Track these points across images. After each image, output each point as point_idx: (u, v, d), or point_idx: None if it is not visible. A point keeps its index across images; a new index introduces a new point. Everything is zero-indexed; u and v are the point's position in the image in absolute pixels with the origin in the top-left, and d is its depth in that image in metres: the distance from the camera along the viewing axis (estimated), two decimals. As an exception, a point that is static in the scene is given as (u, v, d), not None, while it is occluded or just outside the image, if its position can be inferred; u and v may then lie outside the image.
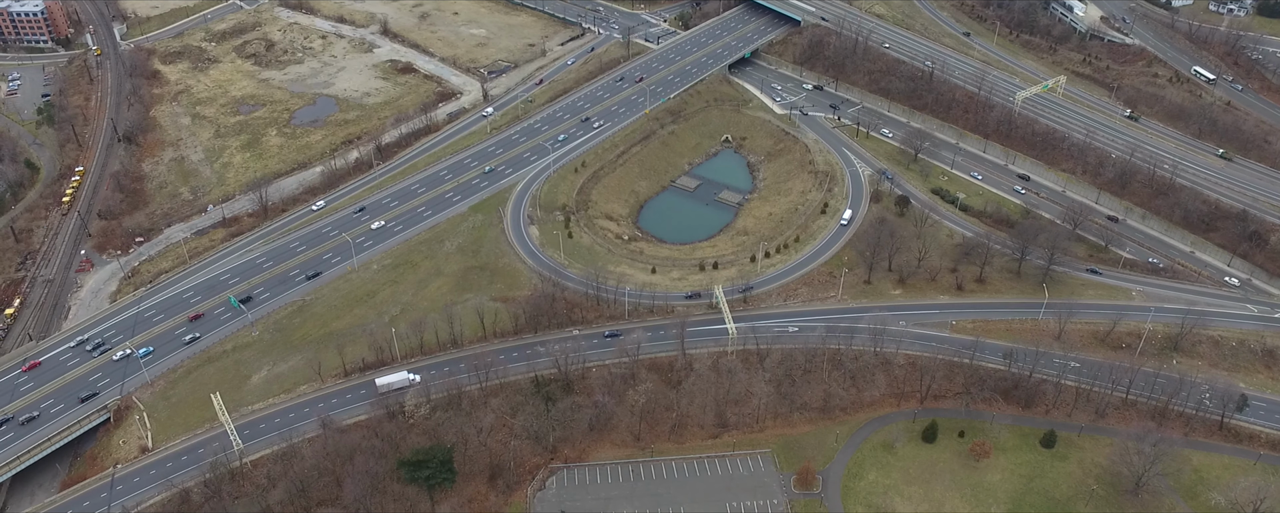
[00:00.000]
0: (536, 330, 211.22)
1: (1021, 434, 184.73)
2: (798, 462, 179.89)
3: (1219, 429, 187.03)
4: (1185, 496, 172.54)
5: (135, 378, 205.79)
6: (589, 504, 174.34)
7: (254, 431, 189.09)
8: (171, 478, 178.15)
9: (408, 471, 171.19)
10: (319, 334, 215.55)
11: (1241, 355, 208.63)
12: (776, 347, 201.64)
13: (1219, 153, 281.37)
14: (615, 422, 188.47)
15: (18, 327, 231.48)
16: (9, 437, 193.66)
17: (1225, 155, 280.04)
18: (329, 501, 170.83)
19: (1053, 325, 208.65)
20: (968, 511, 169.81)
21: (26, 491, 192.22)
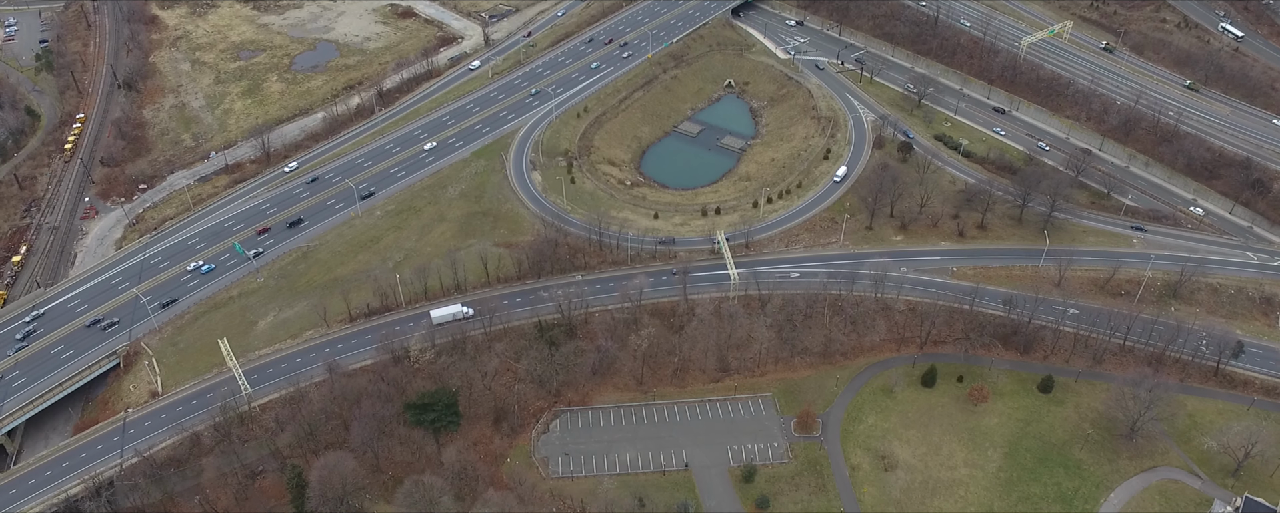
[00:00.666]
0: (539, 276, 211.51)
1: (1019, 380, 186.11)
2: (798, 405, 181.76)
3: (1214, 375, 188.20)
4: (1178, 440, 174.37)
5: (144, 324, 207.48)
6: (592, 447, 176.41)
7: (261, 375, 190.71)
8: (181, 422, 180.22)
9: (413, 414, 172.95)
10: (324, 280, 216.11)
11: (1239, 303, 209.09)
12: (778, 292, 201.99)
13: (1187, 84, 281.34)
14: (618, 366, 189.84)
15: (25, 274, 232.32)
16: (21, 381, 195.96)
17: (1192, 87, 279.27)
18: (337, 444, 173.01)
19: (1053, 272, 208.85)
20: (965, 454, 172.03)
21: (41, 434, 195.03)
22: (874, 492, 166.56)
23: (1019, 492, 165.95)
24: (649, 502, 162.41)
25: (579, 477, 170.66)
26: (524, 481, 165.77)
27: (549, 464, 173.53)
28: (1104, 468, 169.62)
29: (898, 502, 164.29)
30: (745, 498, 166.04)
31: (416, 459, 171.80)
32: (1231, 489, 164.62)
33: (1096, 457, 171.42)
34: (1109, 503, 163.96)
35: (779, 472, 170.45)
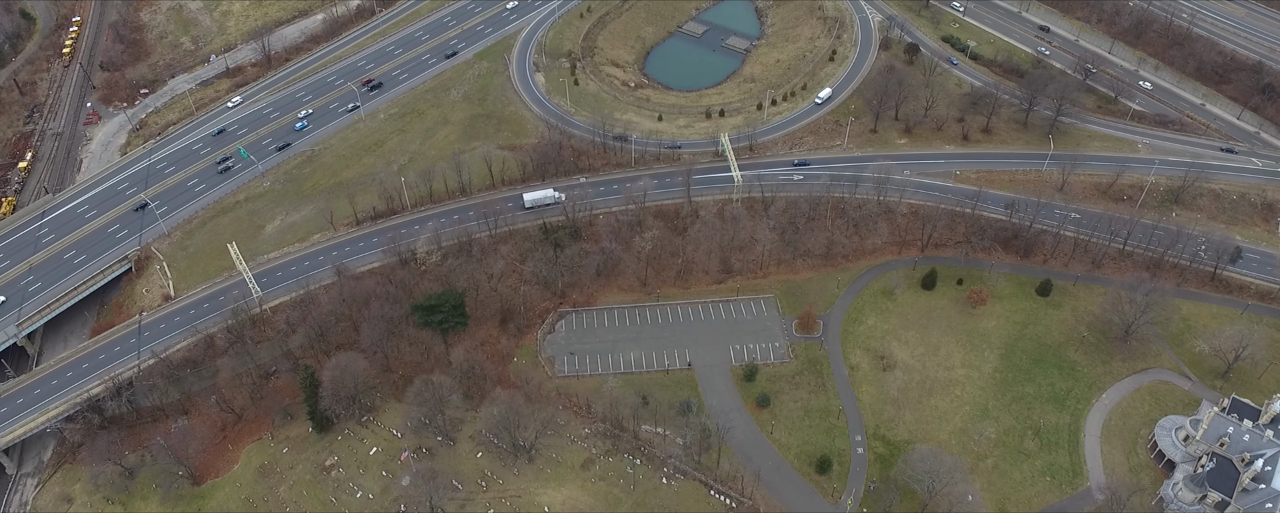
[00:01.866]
0: (544, 178, 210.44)
1: (1018, 283, 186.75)
2: (800, 306, 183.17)
3: (1211, 280, 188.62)
4: (1172, 343, 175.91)
5: (152, 229, 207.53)
6: (597, 347, 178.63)
7: (271, 278, 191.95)
8: (195, 324, 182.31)
9: (421, 315, 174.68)
10: (329, 184, 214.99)
11: (1241, 209, 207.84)
12: (781, 195, 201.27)
13: None
14: (622, 267, 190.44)
15: (32, 180, 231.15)
16: (37, 286, 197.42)
17: None
18: (347, 344, 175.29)
19: (1056, 176, 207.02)
20: (962, 355, 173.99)
21: (59, 337, 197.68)
22: (872, 391, 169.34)
23: (1013, 392, 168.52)
24: (653, 400, 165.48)
25: (584, 376, 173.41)
26: (530, 380, 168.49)
27: (555, 364, 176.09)
28: (1097, 369, 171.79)
29: (895, 401, 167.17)
30: (746, 396, 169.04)
31: (425, 359, 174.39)
32: (1220, 391, 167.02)
33: (1090, 359, 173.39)
34: (1100, 403, 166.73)
35: (780, 371, 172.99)
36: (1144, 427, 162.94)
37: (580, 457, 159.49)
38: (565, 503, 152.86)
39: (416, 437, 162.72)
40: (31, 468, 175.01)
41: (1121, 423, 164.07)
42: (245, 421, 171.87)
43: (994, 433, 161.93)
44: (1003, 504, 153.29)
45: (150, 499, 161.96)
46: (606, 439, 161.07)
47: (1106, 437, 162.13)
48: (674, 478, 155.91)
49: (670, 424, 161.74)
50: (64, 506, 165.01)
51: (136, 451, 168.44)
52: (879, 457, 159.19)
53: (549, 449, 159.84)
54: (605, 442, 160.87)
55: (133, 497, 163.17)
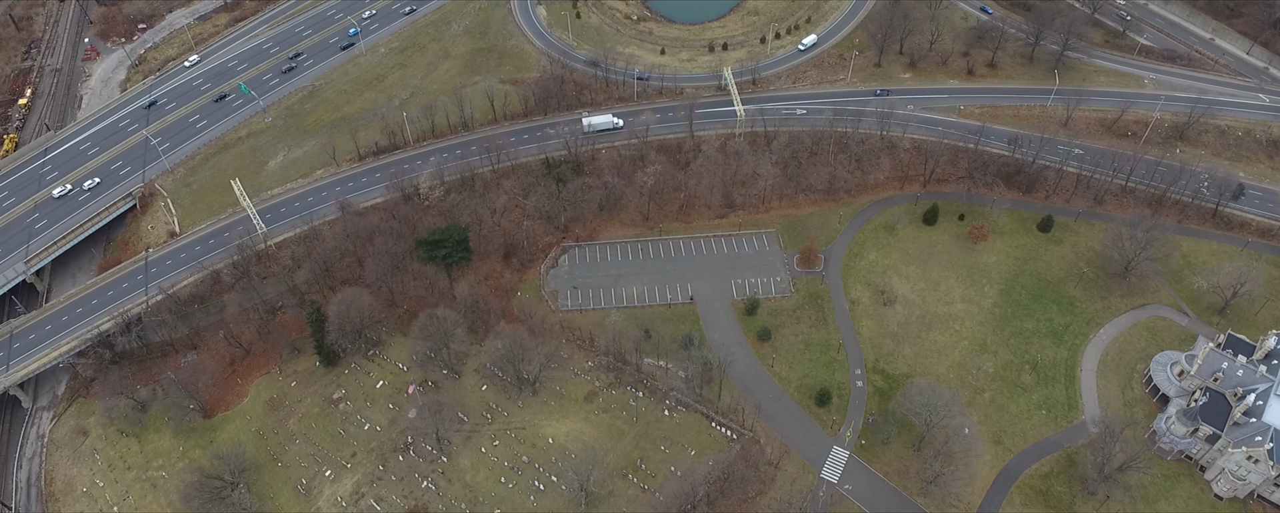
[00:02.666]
0: (546, 113, 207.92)
1: (1020, 219, 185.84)
2: (801, 241, 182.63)
3: (1212, 217, 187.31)
4: (1170, 279, 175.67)
5: (155, 165, 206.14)
6: (600, 281, 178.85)
7: (275, 214, 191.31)
8: (201, 260, 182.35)
9: (425, 250, 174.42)
10: (331, 119, 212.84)
11: (1245, 145, 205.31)
12: (784, 129, 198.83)
13: None
14: (624, 202, 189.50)
15: (33, 117, 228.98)
16: (43, 223, 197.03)
17: None
18: (352, 280, 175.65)
19: (1060, 112, 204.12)
20: (962, 290, 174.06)
21: (67, 274, 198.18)
22: (872, 325, 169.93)
23: (1012, 327, 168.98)
24: (655, 334, 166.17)
25: (587, 310, 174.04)
26: (534, 313, 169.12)
27: (558, 298, 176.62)
28: (1096, 305, 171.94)
29: (895, 335, 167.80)
30: (748, 330, 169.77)
31: (430, 294, 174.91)
32: (1216, 327, 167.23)
33: (1089, 294, 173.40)
34: (1098, 338, 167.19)
35: (781, 305, 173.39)
36: (1140, 362, 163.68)
37: (583, 389, 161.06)
38: (569, 435, 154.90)
39: (422, 370, 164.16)
40: (46, 402, 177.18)
41: (1118, 358, 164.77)
42: (253, 355, 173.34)
43: (992, 367, 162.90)
44: (999, 437, 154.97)
45: (163, 432, 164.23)
46: (609, 372, 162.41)
47: (1103, 372, 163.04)
48: (676, 410, 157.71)
49: (672, 358, 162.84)
50: (80, 438, 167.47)
51: (148, 385, 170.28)
52: (878, 390, 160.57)
53: (553, 382, 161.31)
54: (608, 375, 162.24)
55: (146, 429, 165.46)
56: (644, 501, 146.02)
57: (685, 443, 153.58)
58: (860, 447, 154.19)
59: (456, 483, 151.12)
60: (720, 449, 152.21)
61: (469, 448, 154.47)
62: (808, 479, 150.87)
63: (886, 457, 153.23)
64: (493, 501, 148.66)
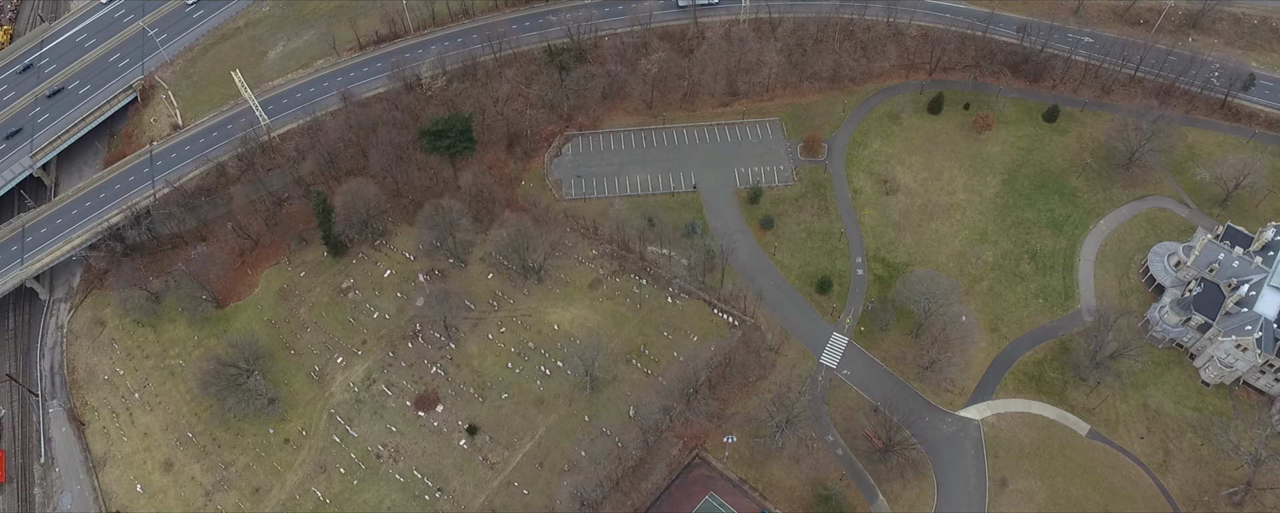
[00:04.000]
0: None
1: (1025, 108, 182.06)
2: (805, 130, 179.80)
3: (1221, 107, 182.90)
4: (1174, 171, 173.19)
5: (154, 57, 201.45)
6: (603, 170, 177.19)
7: (277, 106, 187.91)
8: (206, 153, 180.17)
9: (429, 140, 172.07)
10: (330, 7, 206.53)
11: (1260, 34, 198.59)
12: (789, 16, 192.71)
13: None
14: (627, 90, 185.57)
15: (26, 8, 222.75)
16: (46, 117, 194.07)
17: None
18: (356, 171, 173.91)
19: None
20: (965, 180, 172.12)
21: (73, 168, 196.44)
22: (874, 214, 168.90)
23: (1013, 217, 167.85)
24: (658, 222, 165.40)
25: (591, 198, 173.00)
26: (538, 203, 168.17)
27: (562, 187, 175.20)
28: (1097, 196, 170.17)
29: (896, 224, 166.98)
30: (750, 219, 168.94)
31: (434, 184, 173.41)
32: (1216, 218, 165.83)
33: (1092, 185, 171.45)
34: (1098, 229, 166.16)
35: (783, 194, 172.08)
36: (1138, 253, 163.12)
37: (588, 277, 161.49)
38: (574, 321, 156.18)
39: (428, 259, 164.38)
40: (63, 294, 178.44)
41: (1116, 248, 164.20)
42: (262, 246, 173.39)
43: (991, 256, 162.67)
44: (995, 324, 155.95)
45: (178, 322, 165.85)
46: (613, 260, 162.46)
47: (1100, 262, 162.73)
48: (679, 297, 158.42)
49: (675, 246, 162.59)
50: (98, 328, 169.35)
51: (160, 276, 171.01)
52: (878, 278, 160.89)
53: (557, 270, 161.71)
54: (612, 263, 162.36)
55: (161, 320, 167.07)
56: (647, 385, 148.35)
57: (687, 329, 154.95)
58: (859, 333, 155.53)
59: (464, 369, 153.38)
60: (722, 335, 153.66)
61: (476, 335, 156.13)
62: (807, 364, 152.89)
63: (884, 343, 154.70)
64: (500, 385, 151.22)
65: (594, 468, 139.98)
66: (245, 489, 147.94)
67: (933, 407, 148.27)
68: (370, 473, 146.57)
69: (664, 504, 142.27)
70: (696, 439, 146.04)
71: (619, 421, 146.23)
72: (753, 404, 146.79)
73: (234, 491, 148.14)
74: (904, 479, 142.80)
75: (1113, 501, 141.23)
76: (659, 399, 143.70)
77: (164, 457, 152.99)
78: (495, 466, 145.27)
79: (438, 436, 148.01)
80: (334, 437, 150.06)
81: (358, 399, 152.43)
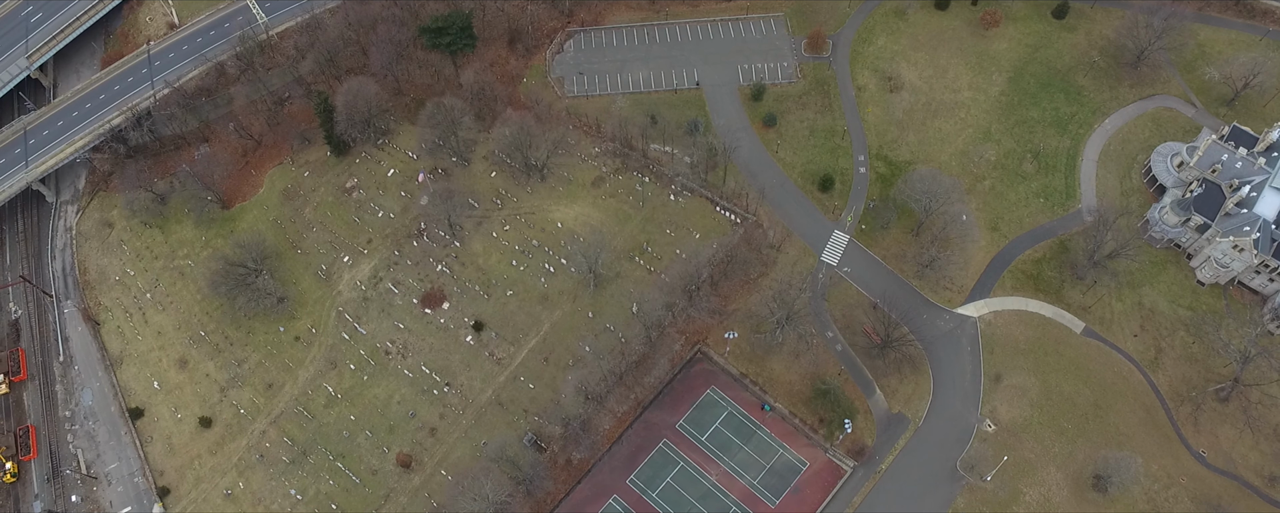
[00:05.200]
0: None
1: (1034, 5, 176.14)
2: (809, 26, 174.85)
3: (1235, 4, 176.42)
4: (1182, 70, 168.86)
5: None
6: (605, 67, 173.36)
7: (274, 3, 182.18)
8: (204, 53, 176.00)
9: (429, 38, 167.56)
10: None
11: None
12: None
13: None
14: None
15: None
16: (39, 17, 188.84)
17: None
18: (357, 69, 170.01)
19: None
20: (970, 78, 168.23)
21: (70, 69, 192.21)
22: (877, 112, 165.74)
23: (1017, 115, 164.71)
24: (661, 119, 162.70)
25: (593, 96, 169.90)
26: (540, 100, 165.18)
27: (564, 84, 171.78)
28: (1103, 95, 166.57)
29: (899, 122, 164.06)
30: (753, 116, 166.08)
31: (436, 82, 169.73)
32: (1223, 119, 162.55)
33: (1098, 84, 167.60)
34: (1102, 128, 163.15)
35: (787, 91, 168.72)
36: (1141, 153, 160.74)
37: (591, 175, 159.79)
38: (577, 219, 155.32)
39: (431, 158, 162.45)
40: (69, 196, 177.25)
41: (1120, 148, 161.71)
42: (264, 146, 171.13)
43: (994, 156, 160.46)
44: (995, 223, 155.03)
45: (185, 223, 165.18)
46: (616, 158, 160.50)
47: (1103, 162, 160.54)
48: (681, 195, 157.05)
49: (678, 143, 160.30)
50: (106, 230, 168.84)
51: (164, 178, 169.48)
52: (880, 176, 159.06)
53: (560, 168, 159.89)
54: (615, 160, 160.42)
55: (168, 221, 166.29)
56: (650, 282, 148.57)
57: (690, 227, 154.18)
58: (860, 231, 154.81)
59: (470, 267, 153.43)
60: (724, 233, 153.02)
61: (480, 233, 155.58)
62: (808, 262, 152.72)
63: (885, 241, 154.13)
64: (505, 283, 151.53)
65: (598, 363, 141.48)
66: (258, 385, 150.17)
67: (931, 304, 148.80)
68: (379, 369, 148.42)
69: (666, 398, 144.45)
70: (698, 335, 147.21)
71: (622, 317, 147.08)
72: (754, 301, 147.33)
73: (248, 387, 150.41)
74: (901, 375, 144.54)
75: (1104, 396, 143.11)
76: (661, 296, 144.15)
77: (178, 355, 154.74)
78: (501, 361, 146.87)
79: (444, 332, 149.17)
80: (343, 334, 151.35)
81: (365, 297, 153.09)
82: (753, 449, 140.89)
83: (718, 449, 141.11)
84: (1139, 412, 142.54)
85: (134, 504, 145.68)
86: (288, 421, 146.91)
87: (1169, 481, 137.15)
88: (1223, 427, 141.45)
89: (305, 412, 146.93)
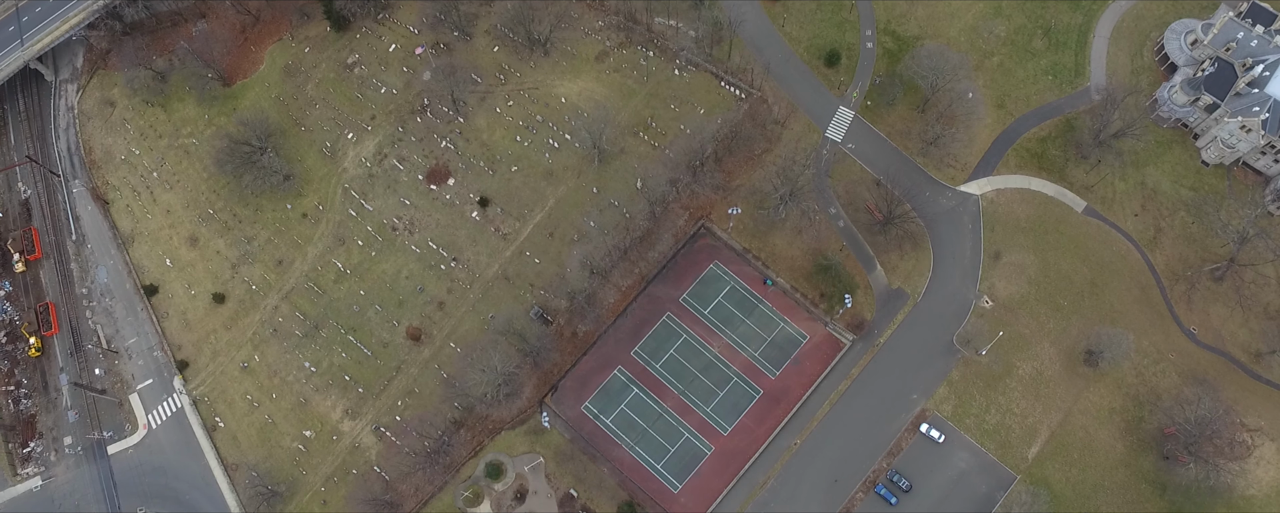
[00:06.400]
0: None
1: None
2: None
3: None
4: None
5: None
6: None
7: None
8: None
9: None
10: None
11: None
12: None
13: None
14: None
15: None
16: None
17: None
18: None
19: None
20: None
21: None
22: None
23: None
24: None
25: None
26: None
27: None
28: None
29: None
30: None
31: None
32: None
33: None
34: (1116, 4, 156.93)
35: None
36: (1155, 30, 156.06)
37: (594, 49, 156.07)
38: (581, 94, 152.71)
39: (433, 33, 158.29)
40: (68, 74, 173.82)
41: (1134, 25, 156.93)
42: (263, 22, 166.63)
43: (1004, 31, 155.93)
44: (1001, 101, 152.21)
45: (186, 101, 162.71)
46: (620, 32, 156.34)
47: (1115, 39, 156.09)
48: (685, 70, 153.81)
49: (683, 17, 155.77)
50: (108, 109, 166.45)
51: (163, 55, 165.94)
52: (887, 52, 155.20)
53: (564, 43, 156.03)
54: (619, 35, 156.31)
55: (170, 99, 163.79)
56: (654, 157, 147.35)
57: (694, 102, 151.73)
58: (865, 108, 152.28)
59: (474, 142, 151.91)
60: (728, 108, 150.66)
61: (484, 108, 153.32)
62: (812, 138, 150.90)
63: (890, 118, 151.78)
64: (509, 158, 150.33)
65: (602, 238, 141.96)
66: (269, 262, 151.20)
67: (934, 181, 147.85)
68: (387, 245, 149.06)
69: (670, 273, 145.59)
70: (702, 210, 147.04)
71: (627, 192, 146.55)
72: (758, 176, 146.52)
73: (258, 263, 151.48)
74: (902, 251, 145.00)
75: (1100, 274, 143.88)
76: (666, 171, 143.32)
77: (188, 232, 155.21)
78: (507, 236, 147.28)
79: (450, 208, 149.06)
80: (350, 211, 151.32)
81: (370, 174, 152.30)
82: (754, 323, 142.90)
83: (720, 322, 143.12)
84: (1134, 290, 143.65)
85: (154, 377, 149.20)
86: (299, 296, 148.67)
87: (1158, 356, 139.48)
88: (1214, 306, 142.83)
89: (316, 287, 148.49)
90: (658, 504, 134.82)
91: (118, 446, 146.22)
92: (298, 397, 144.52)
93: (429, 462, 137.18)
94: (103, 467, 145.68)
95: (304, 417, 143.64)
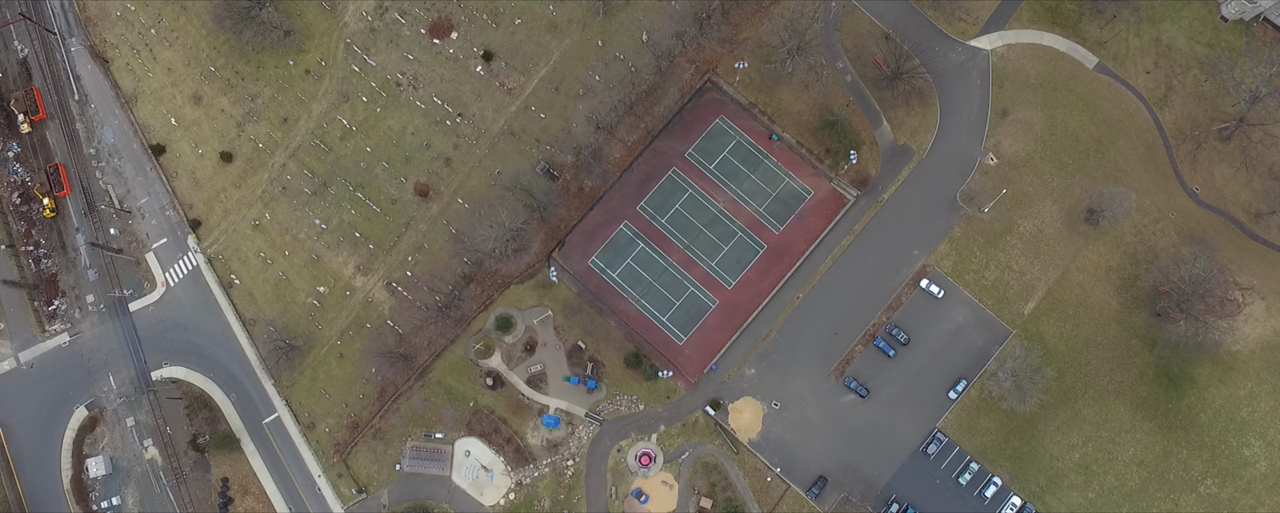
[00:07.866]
0: None
1: None
2: None
3: None
4: None
5: None
6: None
7: None
8: None
9: None
10: None
11: None
12: None
13: None
14: None
15: None
16: None
17: None
18: None
19: None
20: None
21: None
22: None
23: None
24: None
25: None
26: None
27: None
28: None
29: None
30: None
31: None
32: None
33: None
34: None
35: None
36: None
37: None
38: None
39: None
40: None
41: None
42: None
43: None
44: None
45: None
46: None
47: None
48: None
49: None
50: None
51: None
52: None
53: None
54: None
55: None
56: (660, 10, 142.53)
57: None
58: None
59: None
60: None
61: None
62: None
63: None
64: (513, 11, 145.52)
65: (608, 92, 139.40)
66: (274, 119, 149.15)
67: (944, 36, 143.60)
68: (392, 100, 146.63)
69: (675, 127, 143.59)
70: (708, 64, 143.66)
71: (632, 46, 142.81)
72: (765, 30, 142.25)
73: (263, 121, 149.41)
74: (909, 107, 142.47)
75: (1107, 132, 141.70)
76: (672, 24, 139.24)
77: (191, 91, 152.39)
78: (512, 91, 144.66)
79: (454, 62, 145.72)
80: (353, 66, 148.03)
81: (372, 28, 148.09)
82: (759, 178, 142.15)
83: (725, 177, 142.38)
84: (1140, 149, 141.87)
85: (168, 236, 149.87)
86: (306, 153, 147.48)
87: (1159, 215, 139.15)
88: (1219, 165, 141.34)
89: (322, 144, 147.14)
90: (663, 355, 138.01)
91: (138, 303, 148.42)
92: (310, 254, 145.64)
93: (440, 316, 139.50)
94: (126, 323, 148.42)
95: (317, 273, 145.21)
